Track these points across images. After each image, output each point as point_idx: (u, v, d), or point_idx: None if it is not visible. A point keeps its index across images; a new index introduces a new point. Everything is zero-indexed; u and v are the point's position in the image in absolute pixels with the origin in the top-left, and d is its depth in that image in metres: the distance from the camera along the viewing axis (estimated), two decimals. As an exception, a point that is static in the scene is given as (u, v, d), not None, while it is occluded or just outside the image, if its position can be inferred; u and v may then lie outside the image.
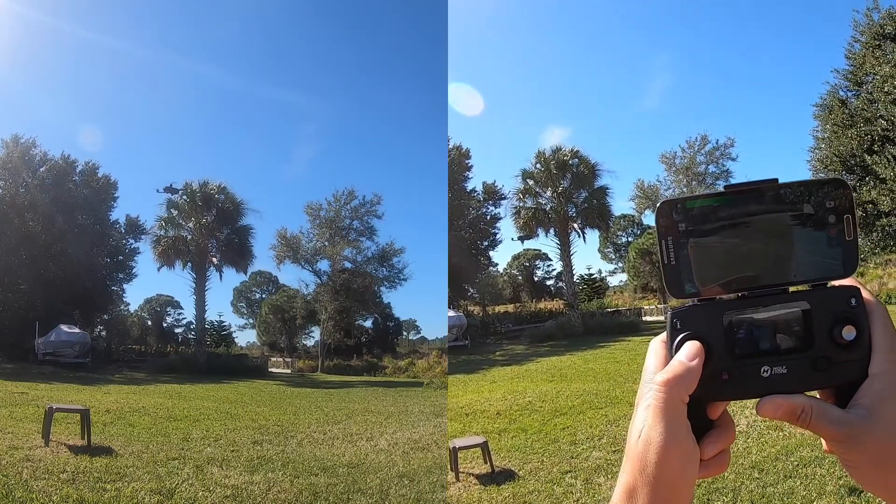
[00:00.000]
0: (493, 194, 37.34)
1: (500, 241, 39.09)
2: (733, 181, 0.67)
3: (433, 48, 46.63)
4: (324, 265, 36.07)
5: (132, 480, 7.23)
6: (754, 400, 0.64)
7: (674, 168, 34.83)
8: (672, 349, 0.64)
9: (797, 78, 48.70)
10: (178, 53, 45.10)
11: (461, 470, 7.84)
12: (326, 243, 35.37)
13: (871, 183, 25.77)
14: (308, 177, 49.78)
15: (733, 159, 34.15)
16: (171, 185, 33.02)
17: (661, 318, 34.91)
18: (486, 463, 7.87)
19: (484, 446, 7.97)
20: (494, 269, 44.08)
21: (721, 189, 0.65)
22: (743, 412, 8.25)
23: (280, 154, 53.59)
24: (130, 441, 9.64)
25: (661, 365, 0.65)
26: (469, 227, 36.68)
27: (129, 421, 11.74)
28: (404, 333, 47.95)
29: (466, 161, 36.14)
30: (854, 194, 0.65)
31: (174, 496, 6.84)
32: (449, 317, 31.06)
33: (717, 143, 34.12)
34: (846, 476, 5.91)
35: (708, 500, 5.93)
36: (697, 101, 53.19)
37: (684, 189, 33.40)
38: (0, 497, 6.33)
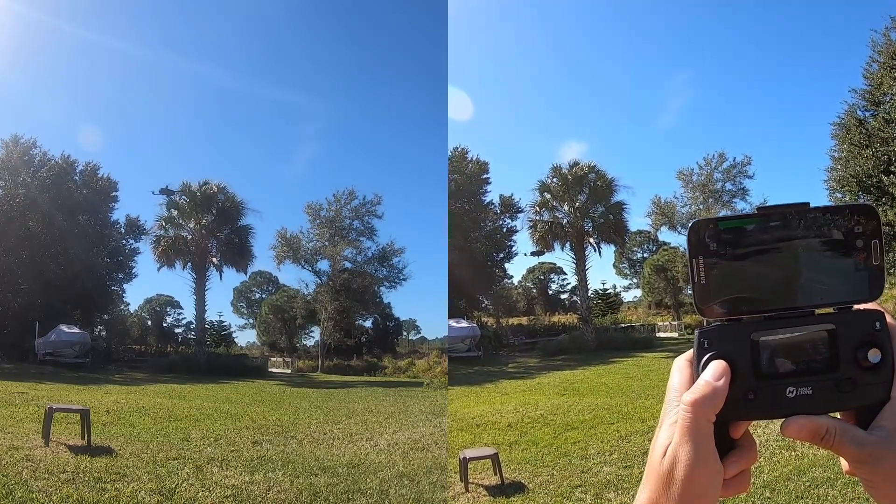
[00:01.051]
0: (509, 207, 37.40)
1: (516, 254, 39.08)
2: (750, 200, 0.68)
3: (433, 49, 46.69)
4: (324, 265, 36.11)
5: (132, 480, 7.23)
6: (766, 420, 0.65)
7: (691, 185, 34.68)
8: (698, 368, 0.65)
9: (815, 97, 48.58)
10: (178, 53, 45.12)
11: (471, 481, 7.82)
12: (326, 243, 35.38)
13: (888, 204, 25.64)
14: (308, 177, 49.81)
15: (750, 177, 33.98)
16: (166, 186, 33.09)
17: (675, 334, 34.92)
18: (496, 475, 7.86)
19: (494, 458, 7.96)
20: (509, 282, 44.09)
21: (753, 210, 0.66)
22: (755, 431, 8.19)
23: (280, 154, 53.65)
24: (130, 441, 9.64)
25: (687, 383, 0.65)
26: (485, 238, 36.80)
27: (129, 421, 11.74)
28: (404, 333, 47.99)
29: (485, 174, 36.28)
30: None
31: (174, 496, 6.84)
32: (462, 327, 30.89)
33: (734, 160, 33.99)
34: (858, 497, 5.92)
35: (718, 520, 5.91)
36: (715, 119, 53.03)
37: (700, 206, 33.35)
38: (0, 497, 6.33)
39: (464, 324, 31.44)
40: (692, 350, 0.67)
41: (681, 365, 0.68)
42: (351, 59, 47.90)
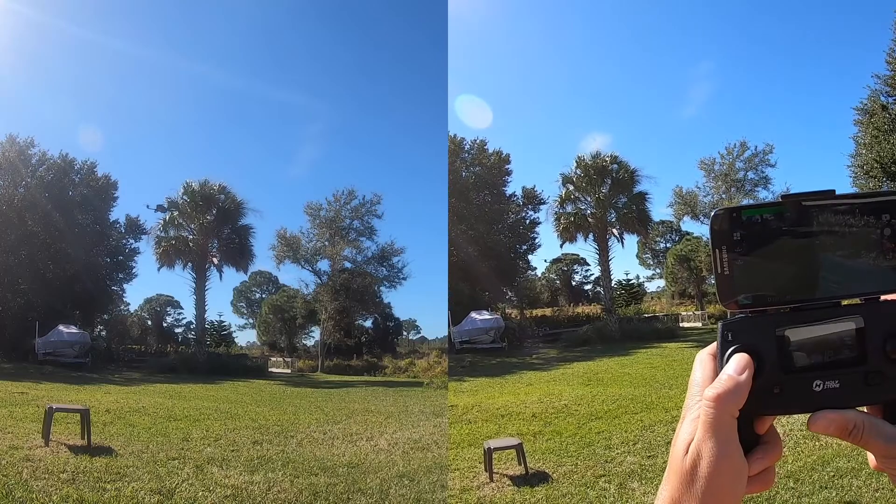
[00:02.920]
0: (532, 199, 37.46)
1: (539, 246, 39.18)
2: (772, 188, 0.66)
3: (433, 49, 46.71)
4: (324, 265, 36.13)
5: (132, 480, 7.23)
6: (792, 415, 0.64)
7: (713, 174, 34.72)
8: (722, 361, 0.63)
9: (838, 83, 48.53)
10: (178, 53, 45.11)
11: (495, 471, 7.87)
12: (326, 243, 35.39)
13: None
14: (308, 177, 49.82)
15: (772, 166, 34.09)
16: (164, 204, 33.33)
17: (699, 324, 34.87)
18: (520, 465, 7.92)
19: (518, 448, 8.01)
20: (532, 273, 44.17)
21: (777, 198, 0.64)
22: (778, 421, 8.17)
23: (280, 154, 53.63)
24: (130, 441, 9.64)
25: (710, 377, 0.64)
26: (508, 230, 36.88)
27: (129, 421, 11.74)
28: (404, 333, 47.99)
29: (506, 166, 36.33)
30: None
31: (174, 496, 6.84)
32: (486, 319, 31.03)
33: (755, 149, 34.01)
34: (882, 488, 5.88)
35: (743, 509, 5.89)
36: (737, 108, 53.00)
37: (723, 196, 33.33)
38: (0, 497, 6.33)
39: (486, 315, 31.59)
40: (715, 343, 0.65)
41: (703, 358, 0.66)
42: (351, 60, 47.97)
